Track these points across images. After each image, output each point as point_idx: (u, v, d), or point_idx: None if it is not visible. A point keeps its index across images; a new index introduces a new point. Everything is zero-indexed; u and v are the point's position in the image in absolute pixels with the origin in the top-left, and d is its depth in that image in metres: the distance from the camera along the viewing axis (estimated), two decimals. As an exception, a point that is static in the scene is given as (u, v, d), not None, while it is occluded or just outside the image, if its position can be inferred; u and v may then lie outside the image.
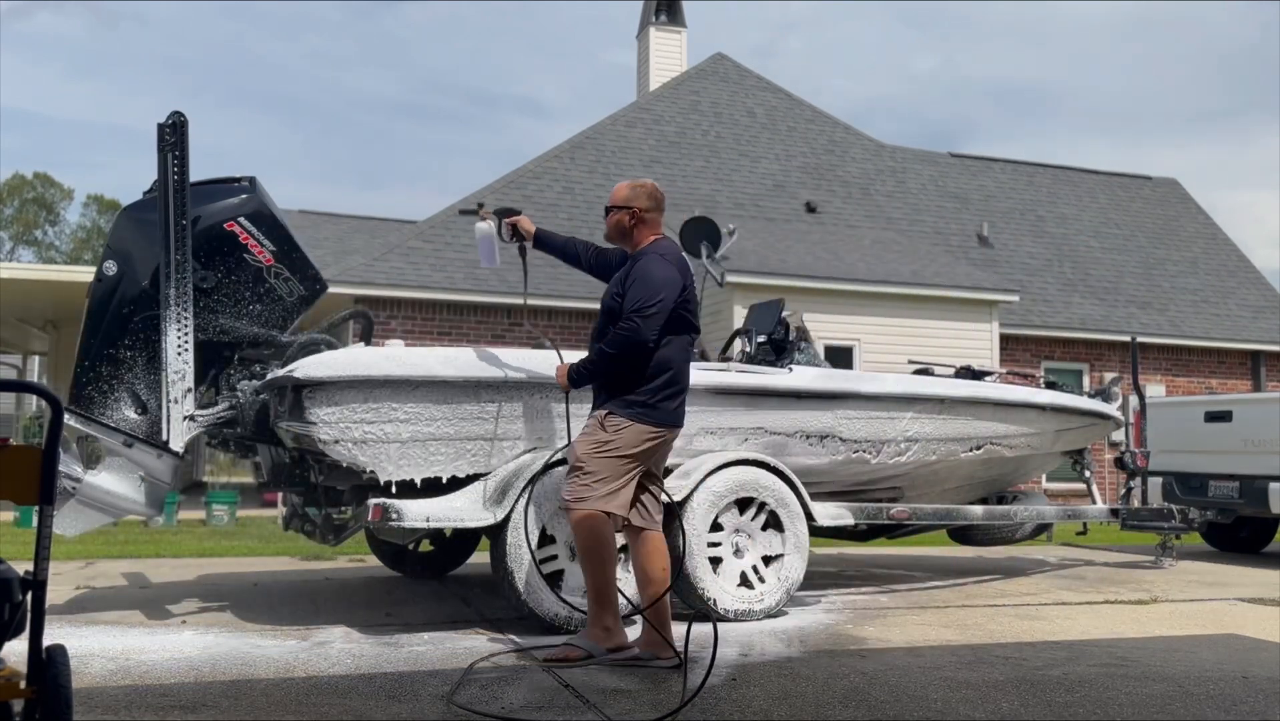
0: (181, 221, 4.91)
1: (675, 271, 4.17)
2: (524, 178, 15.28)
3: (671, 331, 4.14)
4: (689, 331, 4.23)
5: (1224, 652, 4.65)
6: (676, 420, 4.23)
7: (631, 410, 4.10)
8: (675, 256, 4.24)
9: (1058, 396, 6.98)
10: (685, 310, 4.19)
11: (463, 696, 3.61)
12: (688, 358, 4.25)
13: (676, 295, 4.13)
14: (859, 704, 3.60)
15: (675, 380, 4.17)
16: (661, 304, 4.07)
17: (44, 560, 2.22)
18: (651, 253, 4.23)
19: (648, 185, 4.39)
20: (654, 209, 4.34)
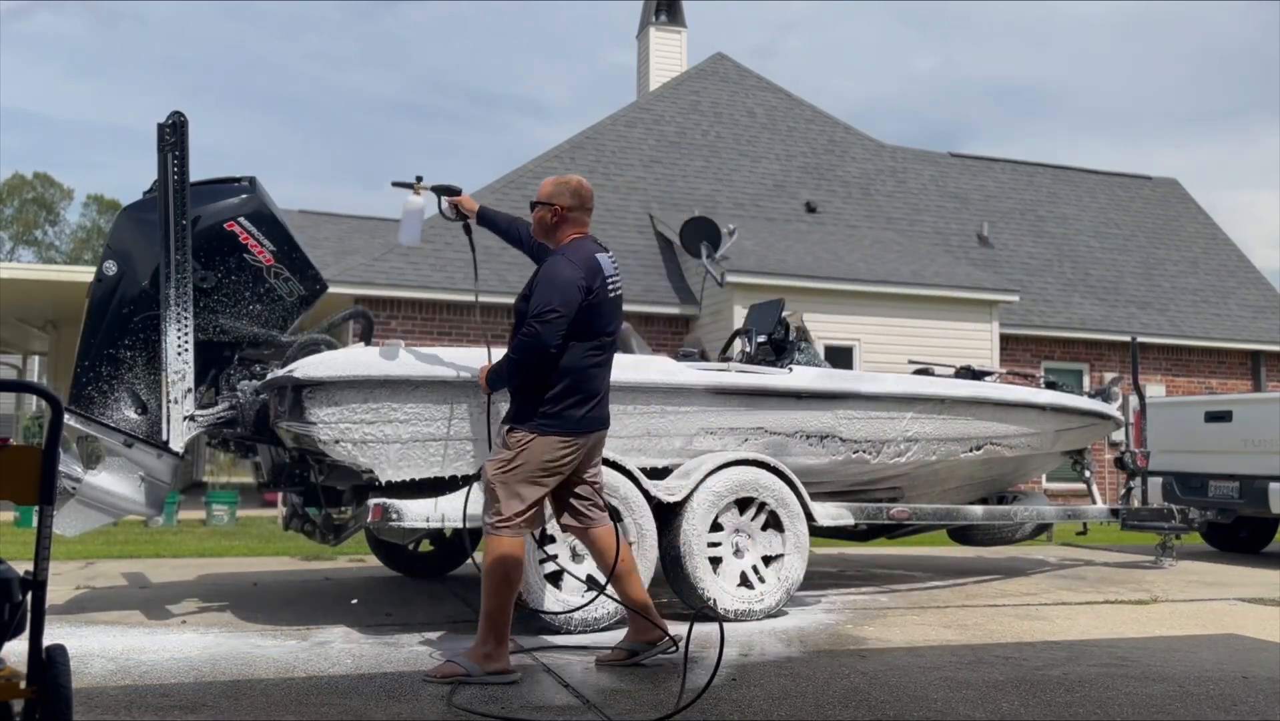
0: (181, 221, 4.91)
1: (580, 274, 3.98)
2: (524, 177, 15.27)
3: (575, 337, 3.97)
4: (597, 336, 4.04)
5: (1224, 652, 4.65)
6: (588, 426, 4.06)
7: (533, 422, 3.96)
8: (583, 258, 4.05)
9: (1058, 396, 6.98)
10: (593, 314, 4.01)
11: (462, 697, 3.61)
12: (596, 362, 4.06)
13: (581, 298, 3.95)
14: (859, 704, 3.60)
15: (578, 387, 4.00)
16: (563, 308, 3.91)
17: (44, 560, 2.22)
18: (559, 254, 4.09)
19: (572, 182, 4.25)
20: (578, 207, 4.20)
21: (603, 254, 4.14)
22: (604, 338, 4.09)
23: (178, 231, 4.90)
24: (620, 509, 4.93)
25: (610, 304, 4.11)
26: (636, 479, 5.00)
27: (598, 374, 4.09)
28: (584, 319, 3.98)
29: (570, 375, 3.99)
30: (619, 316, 4.21)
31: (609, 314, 4.11)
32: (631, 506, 4.96)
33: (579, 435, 4.04)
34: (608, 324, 4.10)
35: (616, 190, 15.73)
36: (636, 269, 14.45)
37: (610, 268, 4.13)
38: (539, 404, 3.97)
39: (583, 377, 4.02)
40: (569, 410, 3.98)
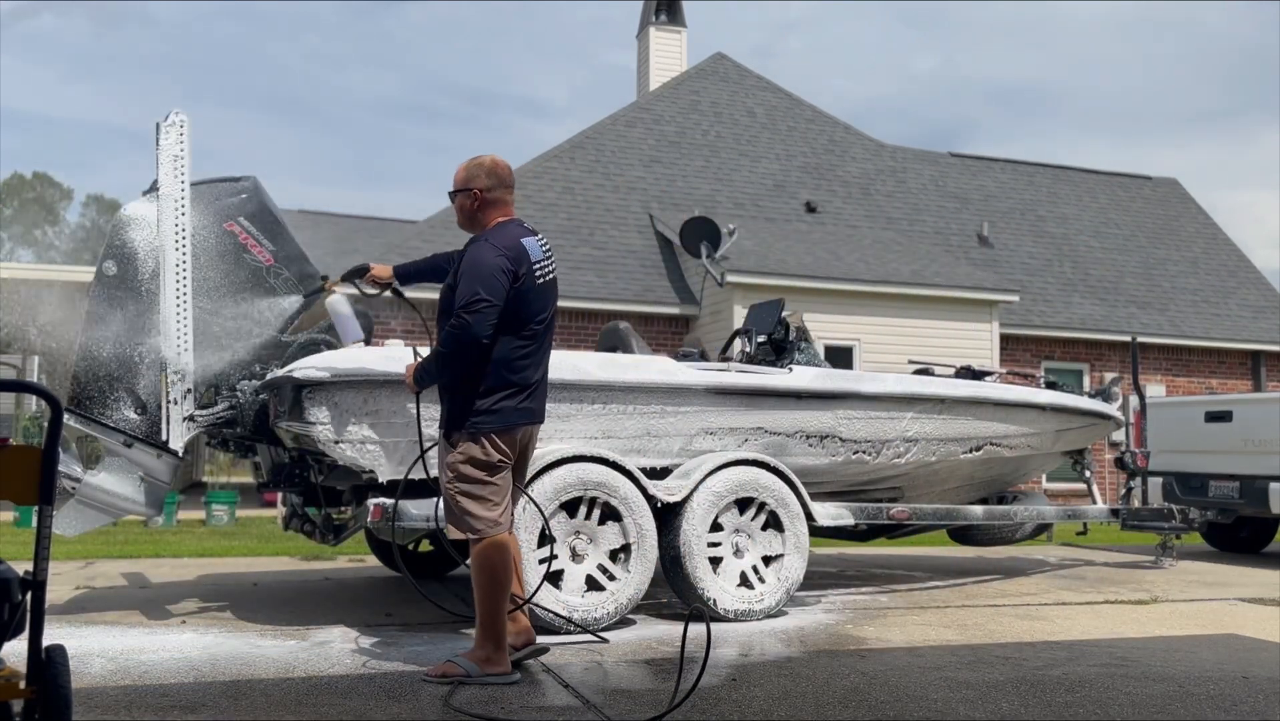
0: (181, 221, 4.91)
1: (505, 259, 3.79)
2: (524, 177, 15.26)
3: (504, 327, 3.80)
4: (527, 324, 3.87)
5: (1224, 653, 4.65)
6: (524, 419, 3.92)
7: (470, 422, 3.82)
8: (509, 243, 3.86)
9: (1058, 396, 6.98)
10: (521, 302, 3.83)
11: (460, 698, 3.61)
12: (528, 352, 3.89)
13: (509, 284, 3.78)
14: (859, 704, 3.59)
15: (509, 380, 3.84)
16: (492, 296, 3.73)
17: (44, 560, 2.22)
18: (482, 240, 3.90)
19: (486, 161, 4.03)
20: (497, 186, 3.99)
21: (530, 237, 3.95)
22: (535, 326, 3.91)
23: (177, 231, 4.90)
24: (620, 509, 4.94)
25: (540, 290, 3.91)
26: (636, 479, 5.00)
27: (530, 364, 3.91)
28: (512, 307, 3.81)
29: (501, 367, 3.83)
30: (553, 303, 4.01)
31: (540, 300, 3.91)
32: (631, 506, 4.96)
33: (515, 429, 3.89)
34: (539, 311, 3.91)
35: (616, 190, 15.72)
36: (636, 269, 14.45)
37: (539, 252, 3.94)
38: (471, 402, 3.82)
39: (514, 369, 3.85)
40: (502, 404, 3.83)
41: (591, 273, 14.09)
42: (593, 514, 4.93)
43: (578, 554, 4.91)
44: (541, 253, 3.96)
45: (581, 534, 4.92)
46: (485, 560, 3.84)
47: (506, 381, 3.84)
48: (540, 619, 4.74)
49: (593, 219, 15.07)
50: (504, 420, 3.84)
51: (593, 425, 5.15)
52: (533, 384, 3.94)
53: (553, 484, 4.80)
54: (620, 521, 4.96)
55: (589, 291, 13.77)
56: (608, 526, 4.96)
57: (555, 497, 4.80)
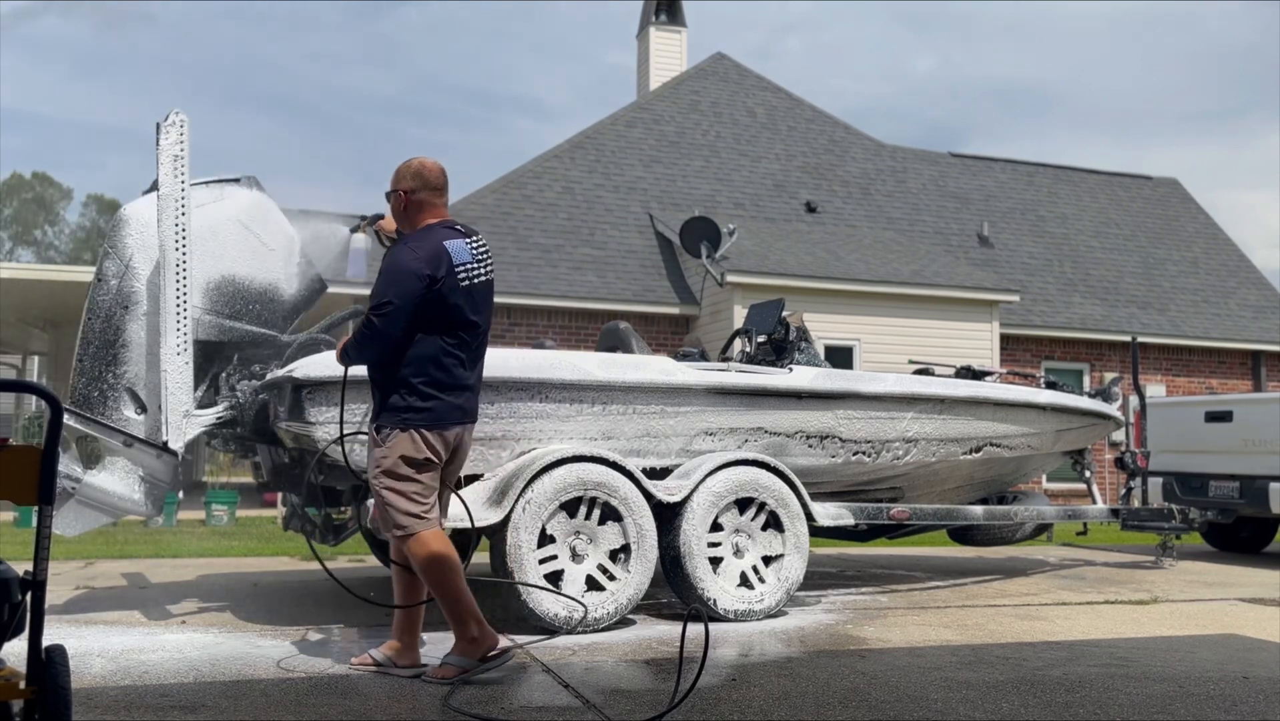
0: (181, 221, 4.91)
1: (421, 263, 3.79)
2: (524, 177, 15.27)
3: (427, 327, 3.82)
4: (452, 326, 3.86)
5: (1224, 653, 4.65)
6: (457, 418, 3.92)
7: (396, 417, 3.84)
8: (429, 246, 3.86)
9: (1058, 396, 6.98)
10: (444, 305, 3.82)
11: (459, 698, 3.61)
12: (455, 353, 3.88)
13: (422, 287, 3.77)
14: (859, 704, 3.59)
15: (434, 379, 3.84)
16: (399, 300, 3.75)
17: (44, 560, 2.22)
18: (403, 242, 3.95)
19: (414, 164, 4.03)
20: (422, 188, 3.99)
21: (457, 240, 3.93)
22: (462, 329, 3.90)
23: (178, 231, 4.90)
24: (620, 509, 4.94)
25: (465, 293, 3.88)
26: (636, 479, 5.00)
27: (457, 365, 3.90)
28: (433, 309, 3.81)
29: (425, 366, 3.84)
30: (484, 304, 3.98)
31: (466, 303, 3.89)
32: (631, 506, 4.96)
33: (442, 428, 3.88)
34: (466, 313, 3.89)
35: (616, 190, 15.72)
36: (636, 269, 14.45)
37: (467, 255, 3.91)
38: (403, 397, 3.84)
39: (439, 368, 3.86)
40: (427, 402, 3.84)
41: (591, 273, 14.10)
42: (593, 514, 4.93)
43: (578, 554, 4.91)
44: (470, 255, 3.93)
45: (581, 534, 4.92)
46: (424, 550, 3.83)
47: (437, 380, 3.86)
48: (542, 618, 4.74)
49: (593, 219, 15.06)
50: (434, 417, 3.86)
51: (593, 425, 5.15)
52: (466, 384, 3.95)
53: (553, 484, 4.80)
54: (620, 521, 4.96)
55: (589, 291, 13.77)
56: (608, 526, 4.96)
57: (555, 497, 4.80)
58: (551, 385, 5.03)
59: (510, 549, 4.70)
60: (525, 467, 4.80)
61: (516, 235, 14.21)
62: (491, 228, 14.19)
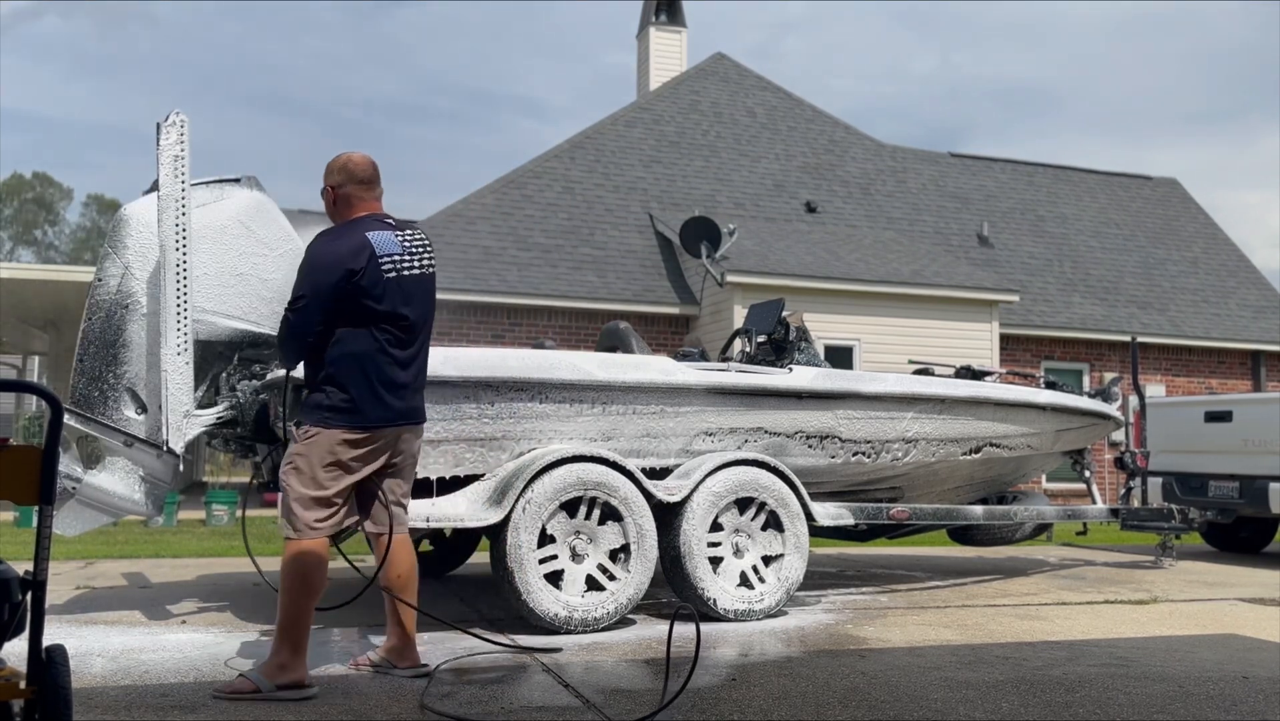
0: (181, 220, 4.91)
1: (338, 254, 3.67)
2: (524, 177, 15.27)
3: (350, 320, 3.68)
4: (379, 320, 3.71)
5: (1224, 653, 4.65)
6: (382, 419, 3.73)
7: (319, 415, 3.69)
8: (348, 237, 3.73)
9: (1058, 396, 6.98)
10: (367, 297, 3.68)
11: (452, 703, 3.61)
12: (386, 349, 3.73)
13: (336, 280, 3.63)
14: (859, 704, 3.59)
15: (363, 376, 3.68)
16: (312, 293, 3.64)
17: (44, 560, 2.22)
18: (322, 234, 3.81)
19: (341, 158, 3.94)
20: (348, 182, 3.88)
21: (383, 231, 3.81)
22: (391, 322, 3.74)
23: (178, 231, 4.90)
24: (620, 509, 4.94)
25: (392, 284, 3.73)
26: (636, 479, 5.00)
27: (388, 360, 3.74)
28: (354, 303, 3.67)
29: (351, 362, 3.69)
30: (417, 298, 3.83)
31: (394, 295, 3.74)
32: (631, 507, 4.96)
33: (368, 429, 3.71)
34: (395, 305, 3.74)
35: (616, 190, 15.73)
36: (636, 269, 14.45)
37: (395, 246, 3.79)
38: (323, 395, 3.71)
39: (368, 364, 3.70)
40: (354, 400, 3.68)
41: (591, 273, 14.10)
42: (593, 514, 4.93)
43: (578, 554, 4.91)
44: (400, 247, 3.81)
45: (581, 534, 4.93)
46: (298, 564, 3.66)
47: (361, 376, 3.70)
48: (543, 617, 4.74)
49: (593, 219, 15.06)
50: (356, 419, 3.69)
51: (593, 426, 5.15)
52: (396, 382, 3.77)
53: (553, 484, 4.80)
54: (620, 521, 4.96)
55: (589, 291, 13.77)
56: (608, 526, 4.96)
57: (555, 497, 4.80)
58: (551, 385, 5.03)
59: (510, 549, 4.71)
60: (525, 467, 4.80)
61: (516, 235, 14.21)
62: (491, 228, 14.19)
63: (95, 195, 52.42)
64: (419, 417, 3.92)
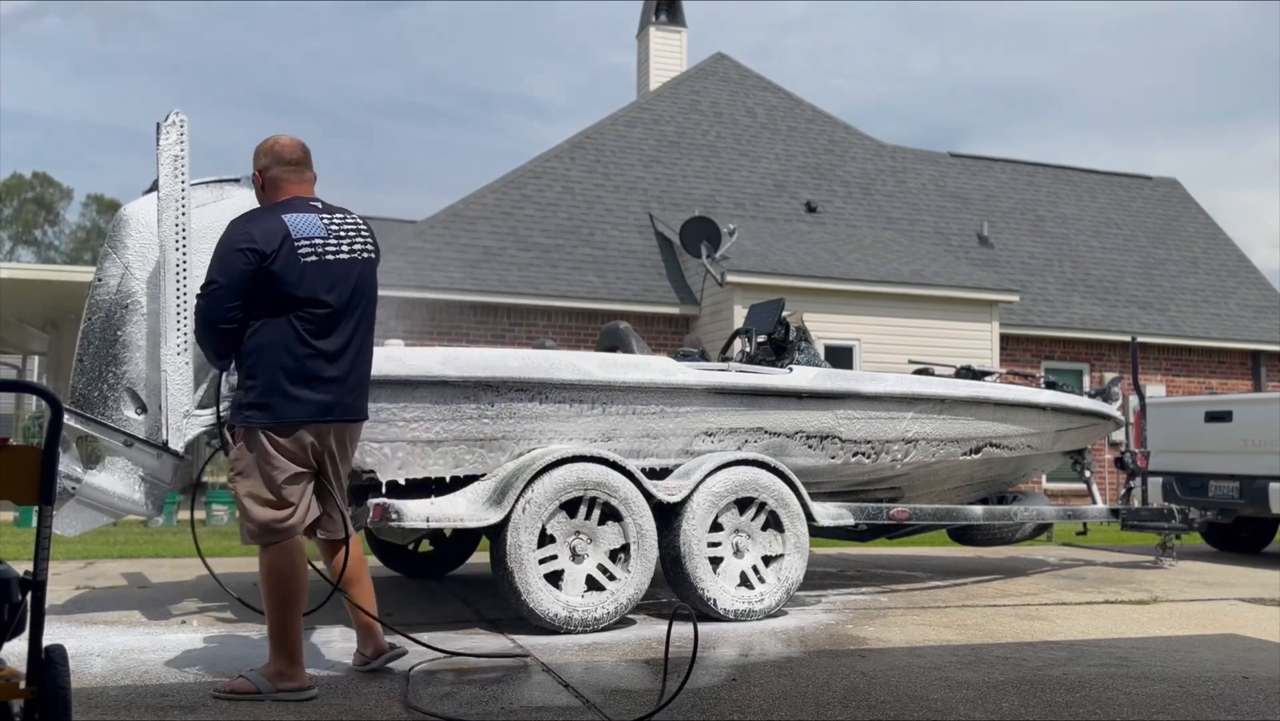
0: (181, 220, 4.91)
1: (250, 237, 3.49)
2: (524, 177, 15.27)
3: (270, 310, 3.51)
4: (298, 305, 3.52)
5: (1224, 653, 4.65)
6: (308, 414, 3.55)
7: (241, 415, 3.56)
8: (263, 220, 3.58)
9: (1058, 396, 6.98)
10: (281, 283, 3.49)
11: (451, 704, 3.61)
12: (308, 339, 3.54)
13: (249, 264, 3.46)
14: (859, 704, 3.59)
15: (285, 368, 3.51)
16: (223, 278, 3.46)
17: (44, 560, 2.22)
18: (238, 217, 3.65)
19: (268, 141, 3.78)
20: (275, 164, 3.73)
21: (306, 215, 3.64)
22: (313, 308, 3.54)
23: (178, 231, 4.90)
24: (620, 509, 4.94)
25: (312, 269, 3.55)
26: (636, 479, 5.00)
27: (311, 355, 3.55)
28: (271, 288, 3.49)
29: (265, 354, 3.51)
30: (342, 283, 3.62)
31: (315, 280, 3.55)
32: (631, 506, 4.96)
33: (299, 425, 3.54)
34: (314, 291, 3.54)
35: (616, 190, 15.73)
36: (636, 269, 14.45)
37: (316, 229, 3.62)
38: (245, 392, 3.56)
39: (291, 356, 3.52)
40: (279, 396, 3.51)
41: (591, 273, 14.10)
42: (593, 514, 4.93)
43: (578, 554, 4.91)
44: (324, 230, 3.64)
45: (581, 534, 4.93)
46: (271, 569, 3.56)
47: (283, 369, 3.51)
48: (543, 617, 4.74)
49: (593, 219, 15.06)
50: (279, 415, 3.52)
51: (593, 426, 5.15)
52: (323, 376, 3.57)
53: (553, 484, 4.80)
54: (620, 521, 4.96)
55: (589, 291, 13.77)
56: (608, 526, 4.96)
57: (555, 497, 4.80)
58: (552, 385, 5.03)
59: (510, 549, 4.70)
60: (525, 467, 4.80)
61: (516, 235, 14.21)
62: (491, 228, 14.19)
63: (95, 195, 52.43)
64: (354, 415, 3.71)
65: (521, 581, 4.71)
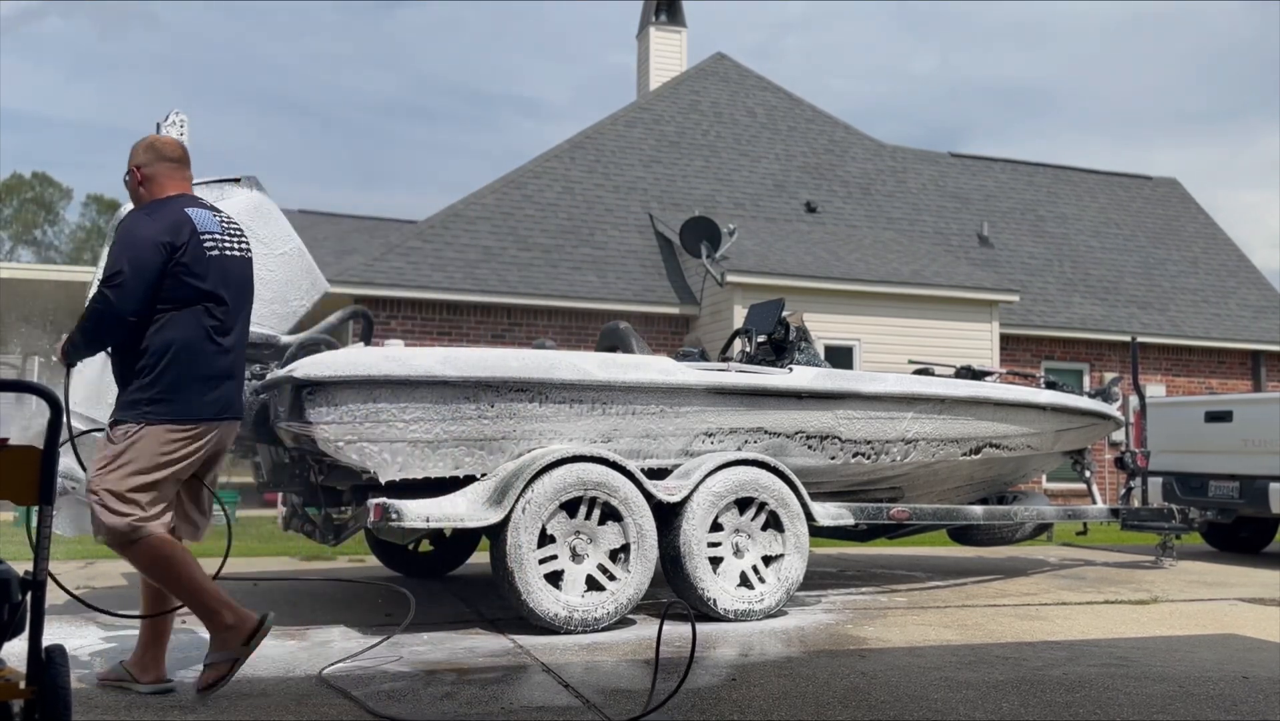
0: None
1: (161, 228, 3.44)
2: (524, 177, 15.27)
3: (172, 304, 3.45)
4: (201, 301, 3.50)
5: (1224, 653, 4.65)
6: (211, 412, 3.52)
7: (138, 411, 3.44)
8: (167, 211, 3.52)
9: (1058, 396, 6.98)
10: (190, 275, 3.46)
11: (452, 704, 3.61)
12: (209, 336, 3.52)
13: (160, 258, 3.41)
14: (859, 704, 3.59)
15: (188, 364, 3.47)
16: (134, 269, 3.38)
17: (44, 560, 2.22)
18: (136, 211, 3.58)
19: (147, 139, 3.72)
20: (154, 160, 3.64)
21: (201, 210, 3.62)
22: (215, 303, 3.54)
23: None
24: (620, 509, 4.94)
25: (215, 264, 3.55)
26: (636, 479, 5.00)
27: (215, 351, 3.53)
28: (177, 281, 3.46)
29: (175, 350, 3.45)
30: (235, 281, 3.63)
31: (216, 275, 3.55)
32: (631, 506, 4.96)
33: (198, 422, 3.49)
34: (216, 286, 3.54)
35: (616, 190, 15.73)
36: (636, 269, 14.45)
37: (213, 225, 3.61)
38: (143, 389, 3.45)
39: (193, 352, 3.48)
40: (182, 392, 3.45)
41: (591, 273, 14.10)
42: (593, 514, 4.93)
43: (578, 554, 4.91)
44: (219, 227, 3.64)
45: (581, 534, 4.93)
46: (152, 554, 3.46)
47: (186, 365, 3.47)
48: (543, 617, 4.74)
49: (593, 219, 15.07)
50: (182, 411, 3.46)
51: (593, 426, 5.15)
52: (221, 373, 3.56)
53: (552, 484, 4.80)
54: (620, 521, 4.96)
55: (589, 291, 13.77)
56: (608, 526, 4.96)
57: (555, 498, 4.80)
58: (552, 385, 5.03)
59: (510, 549, 4.71)
60: (525, 468, 4.80)
61: (516, 235, 14.21)
62: (492, 228, 14.19)
63: (95, 195, 52.38)
64: (238, 413, 3.69)
65: (521, 581, 4.71)
